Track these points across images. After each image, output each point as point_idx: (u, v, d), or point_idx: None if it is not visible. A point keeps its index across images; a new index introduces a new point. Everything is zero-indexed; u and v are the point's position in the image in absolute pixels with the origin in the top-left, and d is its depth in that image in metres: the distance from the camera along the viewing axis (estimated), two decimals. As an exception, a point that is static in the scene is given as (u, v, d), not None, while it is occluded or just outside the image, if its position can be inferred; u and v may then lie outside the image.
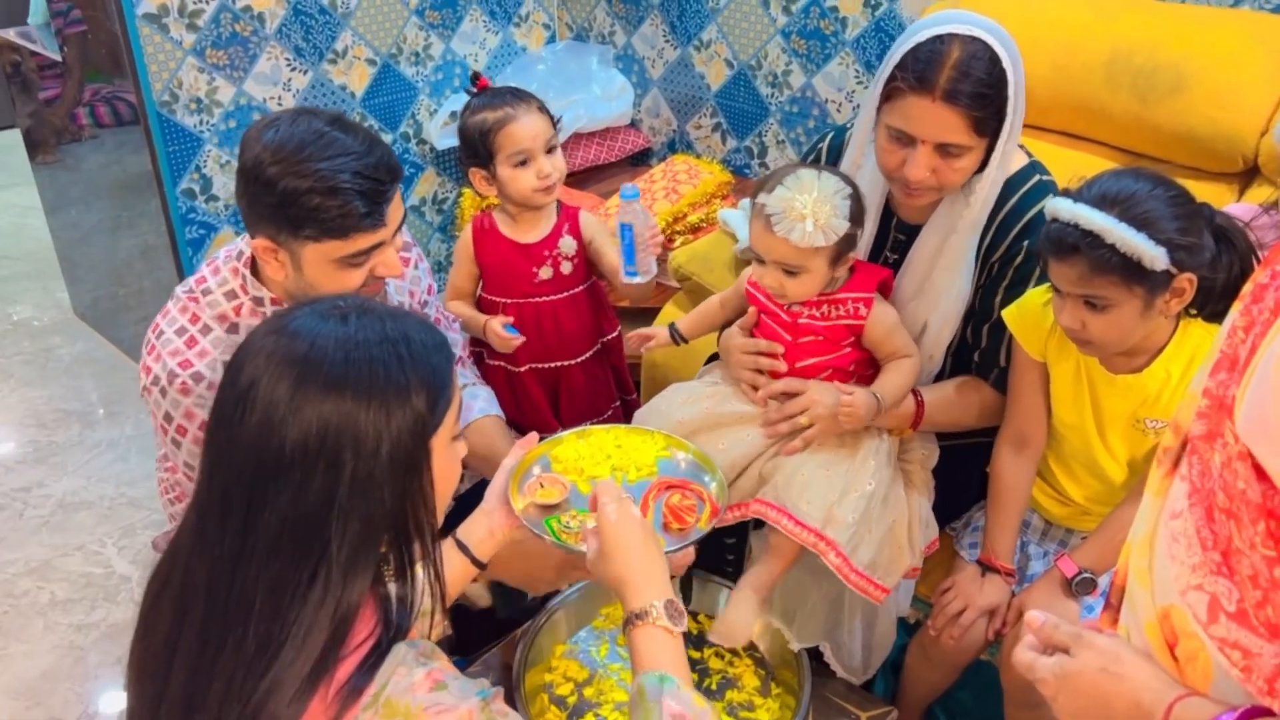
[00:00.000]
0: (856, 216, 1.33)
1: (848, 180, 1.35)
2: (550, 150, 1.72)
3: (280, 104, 2.75)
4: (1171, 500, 0.66)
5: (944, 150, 1.30)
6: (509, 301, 1.80)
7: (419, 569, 0.93)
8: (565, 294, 1.82)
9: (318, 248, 1.26)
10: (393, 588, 0.92)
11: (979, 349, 1.47)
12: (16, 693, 1.90)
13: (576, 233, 1.81)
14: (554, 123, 1.74)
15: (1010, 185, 1.41)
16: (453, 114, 3.02)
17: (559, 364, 1.86)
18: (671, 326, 1.61)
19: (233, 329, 1.38)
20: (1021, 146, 1.48)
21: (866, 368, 1.46)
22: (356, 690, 0.83)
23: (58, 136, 2.93)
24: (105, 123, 2.69)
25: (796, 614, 1.52)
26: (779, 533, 1.36)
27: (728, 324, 1.56)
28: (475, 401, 1.70)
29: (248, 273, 1.38)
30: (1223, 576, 0.59)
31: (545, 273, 1.80)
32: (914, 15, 2.42)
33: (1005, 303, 1.42)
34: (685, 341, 1.61)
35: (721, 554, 1.58)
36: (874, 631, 1.54)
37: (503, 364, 1.86)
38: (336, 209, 1.23)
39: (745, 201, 1.66)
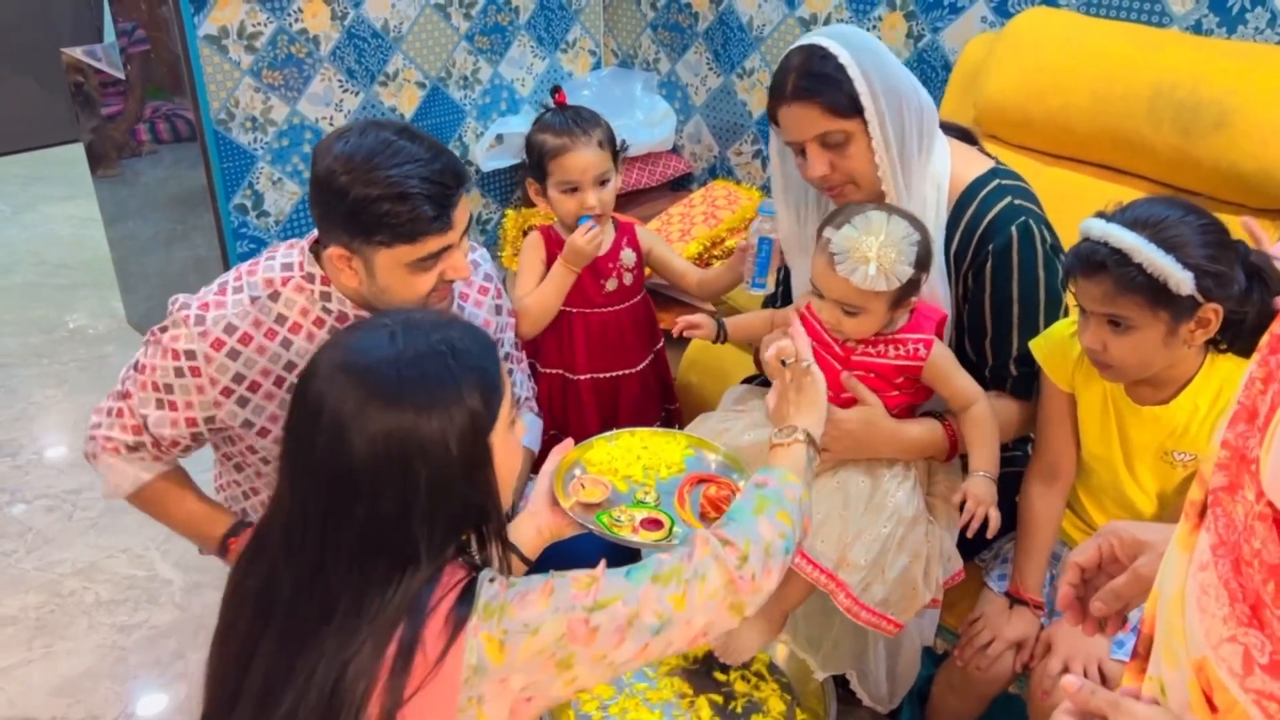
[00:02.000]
0: (922, 261, 1.34)
1: (918, 224, 1.35)
2: (603, 183, 1.76)
3: (332, 124, 2.82)
4: (1199, 553, 0.65)
5: (824, 143, 1.38)
6: (576, 311, 1.85)
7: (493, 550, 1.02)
8: (627, 304, 1.89)
9: (389, 253, 1.30)
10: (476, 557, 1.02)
11: (987, 366, 1.47)
12: (58, 690, 1.95)
13: (635, 245, 1.88)
14: (615, 153, 1.78)
15: (970, 190, 1.44)
16: (499, 137, 3.08)
17: (619, 373, 1.91)
18: (719, 321, 1.61)
19: (273, 296, 1.40)
20: (988, 153, 1.53)
21: (908, 412, 1.46)
22: (462, 619, 0.91)
23: (118, 151, 3.02)
24: (164, 139, 2.77)
25: (822, 641, 1.52)
26: (791, 569, 1.37)
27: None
28: None
29: (308, 252, 1.41)
30: (1254, 629, 0.58)
31: (611, 284, 1.86)
32: (956, 47, 2.42)
33: (997, 312, 1.43)
34: (725, 340, 1.62)
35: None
36: (898, 660, 1.54)
37: (561, 372, 1.90)
38: (406, 214, 1.26)
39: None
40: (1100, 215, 1.23)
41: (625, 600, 0.95)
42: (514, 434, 1.04)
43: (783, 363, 1.29)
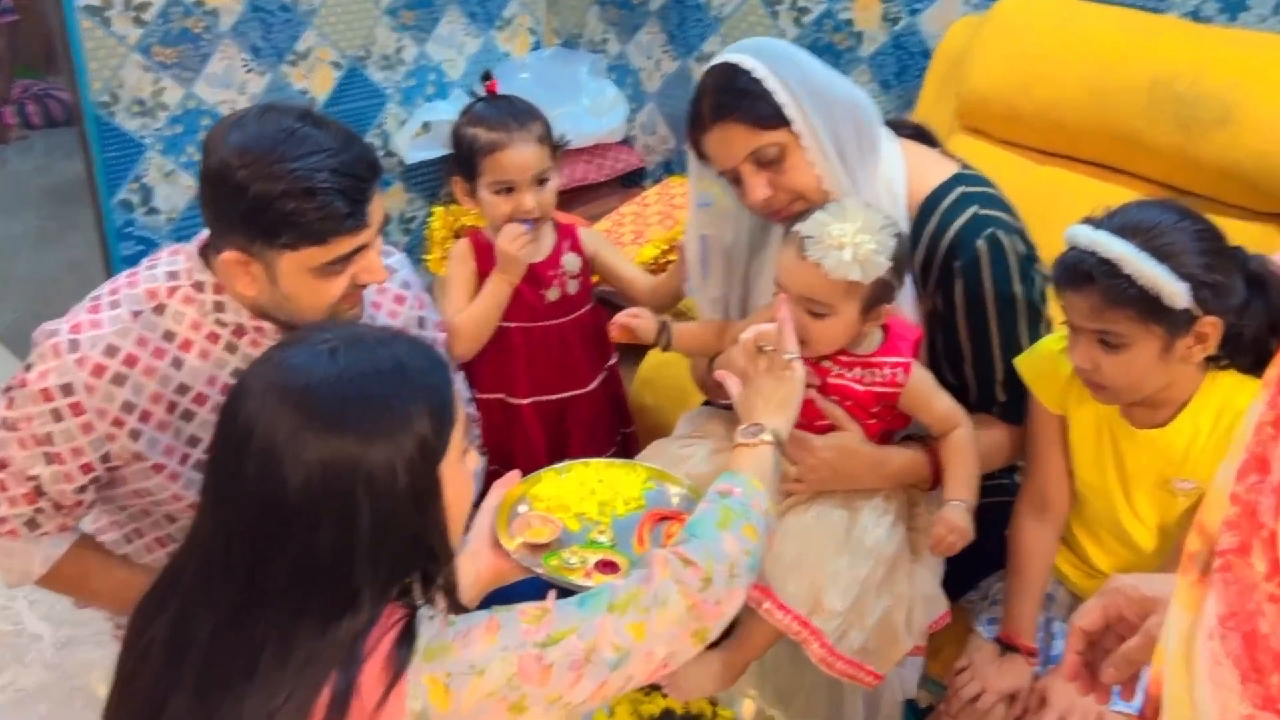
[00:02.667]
0: (899, 262, 1.37)
1: (896, 225, 1.39)
2: (541, 182, 1.77)
3: (234, 109, 2.75)
4: (1207, 617, 0.65)
5: (758, 161, 1.42)
6: (515, 326, 1.85)
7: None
8: (573, 315, 1.90)
9: (295, 256, 1.28)
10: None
11: (971, 393, 1.51)
12: (-92, 764, 1.90)
13: (579, 249, 1.89)
14: (555, 149, 1.80)
15: (931, 201, 1.48)
16: (425, 124, 3.08)
17: (566, 395, 1.92)
18: (664, 324, 1.61)
19: (158, 310, 1.37)
20: (953, 156, 1.56)
21: (886, 439, 1.49)
22: (403, 662, 0.92)
23: (-18, 137, 2.98)
24: (35, 123, 2.75)
25: (793, 696, 1.54)
26: (751, 614, 1.39)
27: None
28: None
29: (198, 258, 1.39)
30: (1270, 712, 0.59)
31: (553, 294, 1.87)
32: (936, 32, 2.49)
33: (974, 334, 1.47)
34: (668, 347, 1.62)
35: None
36: (878, 715, 1.57)
37: (500, 397, 1.90)
38: (314, 212, 1.25)
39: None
40: (1087, 221, 1.27)
41: (580, 633, 0.96)
42: (465, 465, 1.05)
43: (760, 349, 1.31)
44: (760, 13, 2.84)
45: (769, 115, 1.40)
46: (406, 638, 0.94)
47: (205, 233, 1.40)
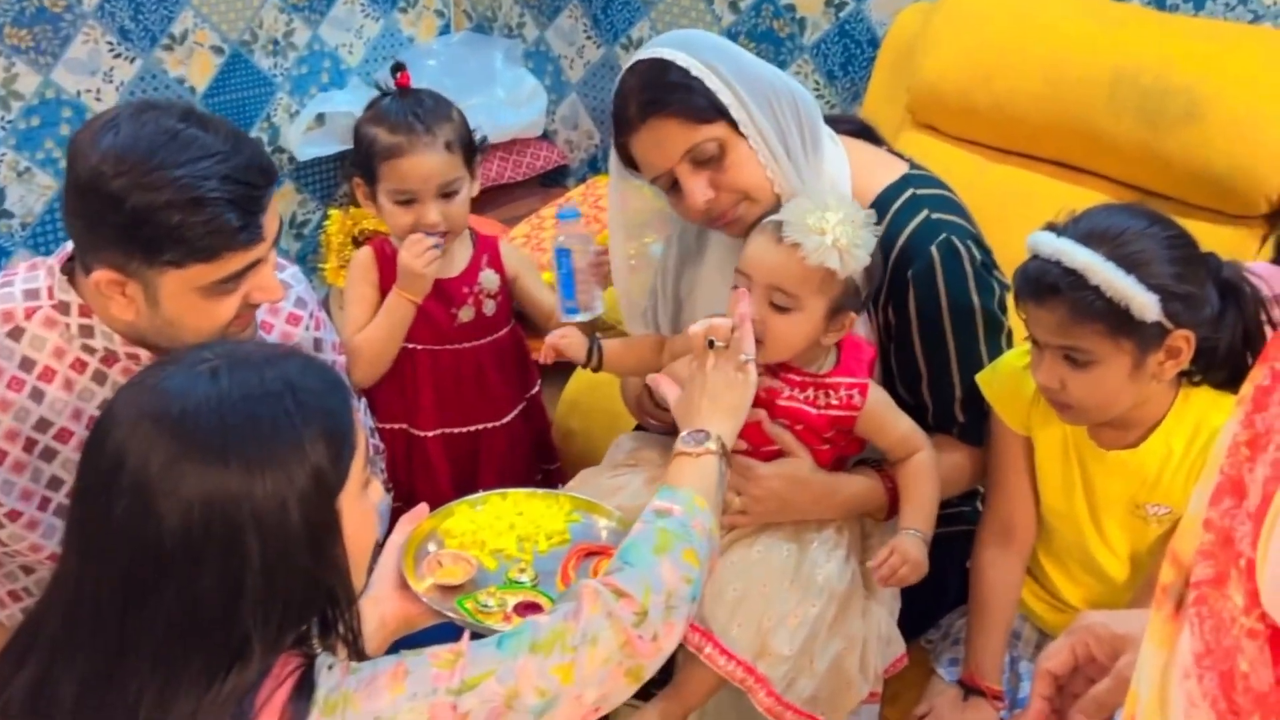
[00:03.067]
0: (871, 267, 1.37)
1: (875, 220, 1.39)
2: (449, 194, 1.74)
3: (99, 98, 2.73)
4: (1181, 655, 0.65)
5: (696, 161, 1.41)
6: (422, 348, 1.82)
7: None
8: (489, 338, 1.87)
9: (180, 275, 1.26)
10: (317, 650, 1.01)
11: (928, 412, 1.52)
12: None
13: (498, 265, 1.87)
14: (471, 154, 1.77)
15: (879, 204, 1.48)
16: (319, 117, 3.05)
17: (479, 427, 1.89)
18: (594, 340, 1.59)
19: (14, 334, 1.34)
20: (902, 155, 1.58)
21: (838, 465, 1.49)
22: (300, 715, 0.91)
23: None
24: None
25: (738, 748, 1.53)
26: (691, 659, 1.38)
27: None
28: None
29: (60, 275, 1.36)
30: None
31: (466, 314, 1.84)
32: (885, 19, 2.52)
33: (930, 350, 1.48)
34: (599, 367, 1.60)
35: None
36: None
37: (404, 428, 1.87)
38: (203, 225, 1.23)
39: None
40: (1050, 228, 1.28)
41: (499, 677, 0.95)
42: (367, 497, 1.04)
43: (711, 344, 1.30)
44: (692, -4, 2.85)
45: (704, 107, 1.39)
46: (303, 689, 0.92)
47: (67, 247, 1.36)
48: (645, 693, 1.47)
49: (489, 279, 1.85)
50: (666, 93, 1.40)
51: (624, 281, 1.68)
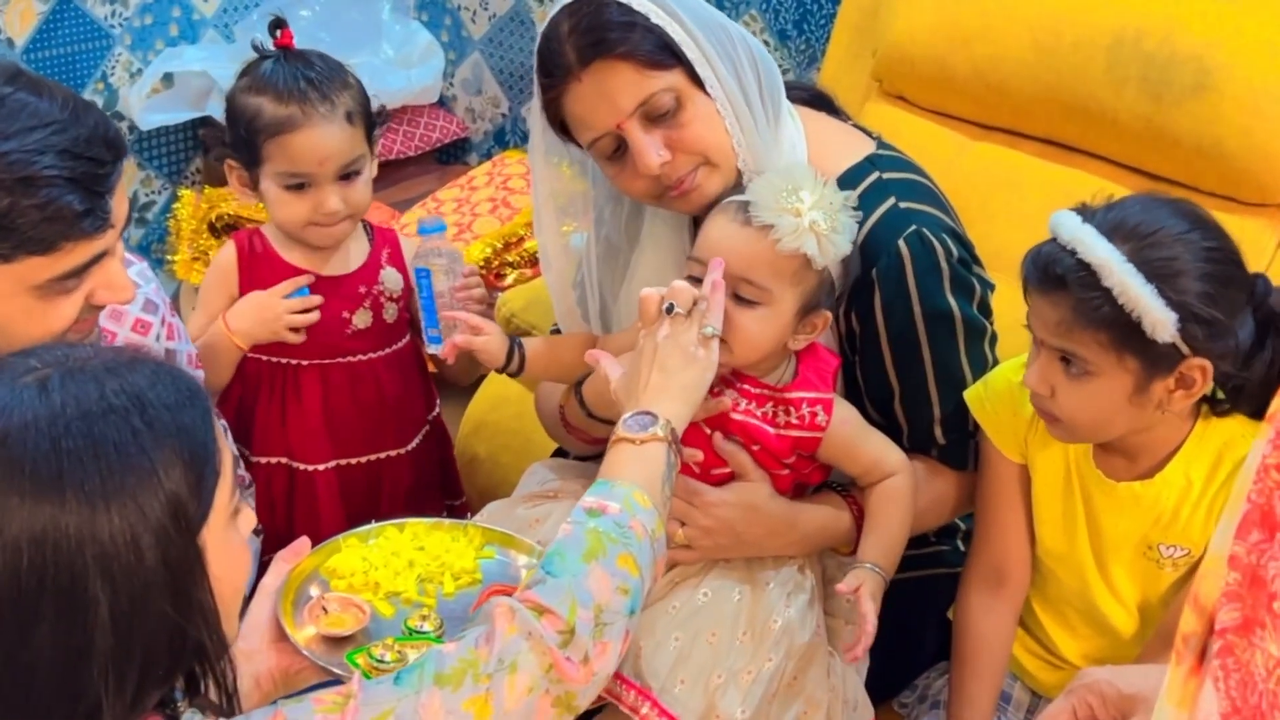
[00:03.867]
0: (852, 258, 1.39)
1: (855, 203, 1.41)
2: (348, 176, 1.72)
3: (-106, 53, 2.66)
4: (1204, 712, 0.66)
5: (651, 115, 1.41)
6: (309, 364, 1.80)
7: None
8: (389, 349, 1.86)
9: (10, 271, 1.26)
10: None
11: (903, 434, 1.54)
12: None
13: (400, 263, 1.85)
14: (370, 127, 1.75)
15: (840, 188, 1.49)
16: (166, 77, 3.03)
17: (380, 456, 1.87)
18: (514, 341, 1.60)
19: None
20: (866, 131, 1.60)
21: (798, 493, 1.50)
22: None
23: None
24: None
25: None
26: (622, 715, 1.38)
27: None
28: None
29: None
30: None
31: (362, 319, 1.82)
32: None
33: (900, 362, 1.50)
34: (520, 371, 1.61)
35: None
36: None
37: (284, 461, 1.85)
38: (37, 210, 1.23)
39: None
40: (1079, 211, 1.30)
41: (399, 717, 0.95)
42: (237, 528, 1.03)
43: (670, 309, 1.30)
44: (619, -62, 2.86)
45: (657, 50, 1.40)
46: None
47: None
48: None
49: (391, 279, 1.83)
50: (611, 32, 1.39)
51: (556, 271, 1.67)
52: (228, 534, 1.01)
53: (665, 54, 1.40)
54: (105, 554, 0.89)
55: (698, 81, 1.42)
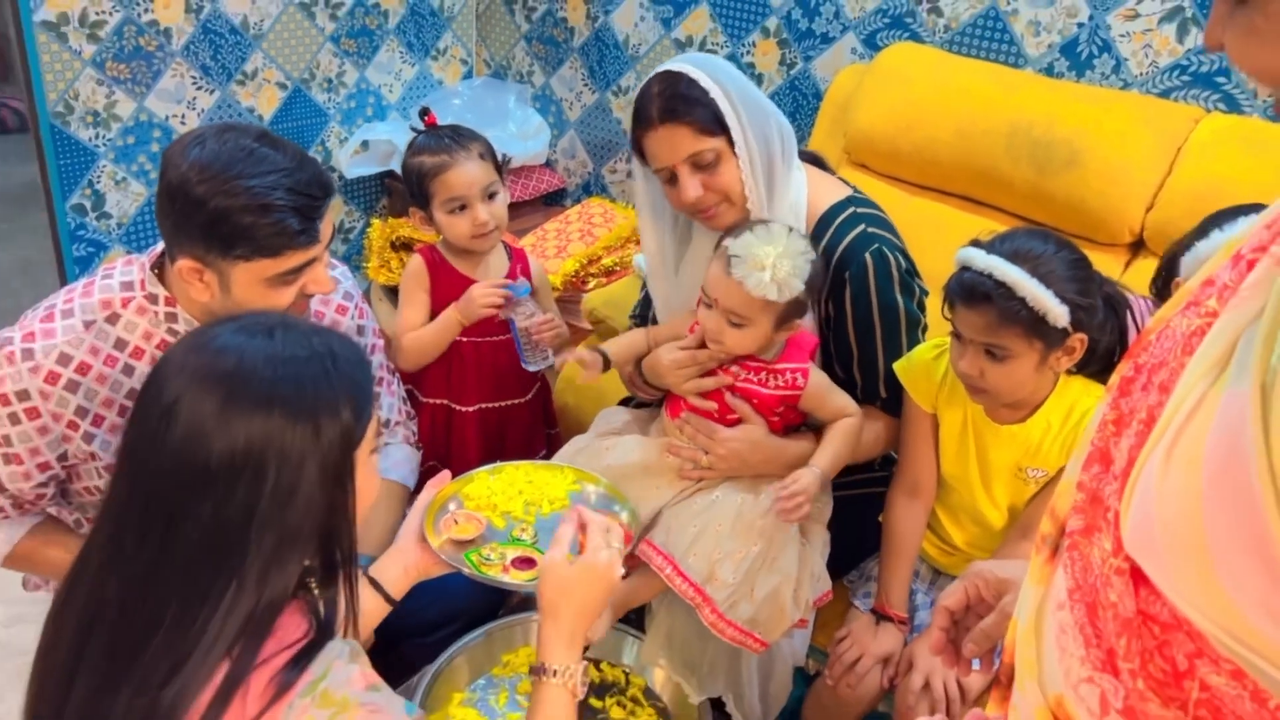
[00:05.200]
0: (813, 283, 1.40)
1: (811, 249, 1.41)
2: (491, 196, 1.73)
3: (184, 123, 2.73)
4: (1055, 590, 0.66)
5: (697, 164, 1.44)
6: (469, 340, 1.81)
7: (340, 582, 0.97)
8: None
9: (249, 267, 1.26)
10: (320, 596, 0.96)
11: (858, 387, 1.55)
12: None
13: (528, 273, 1.86)
14: (499, 165, 1.76)
15: (826, 218, 1.52)
16: (364, 143, 3.04)
17: (507, 403, 1.88)
18: (603, 354, 1.60)
19: (111, 319, 1.34)
20: (846, 182, 1.61)
21: (786, 434, 1.51)
22: (286, 684, 0.86)
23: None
24: (-13, 130, 2.62)
25: (697, 666, 1.55)
26: (650, 571, 1.41)
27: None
28: (384, 460, 1.68)
29: (150, 270, 1.36)
30: (1108, 673, 0.60)
31: (505, 312, 1.82)
32: (827, 77, 2.55)
33: (860, 336, 1.51)
34: (606, 369, 1.61)
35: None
36: (770, 681, 1.59)
37: (446, 403, 1.86)
38: (270, 227, 1.23)
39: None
40: (977, 245, 1.31)
41: None
42: (374, 462, 1.02)
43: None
44: (672, 52, 2.86)
45: (711, 123, 1.41)
46: (301, 660, 0.88)
47: (158, 247, 1.36)
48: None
49: (522, 284, 1.82)
50: (684, 104, 1.41)
51: (656, 272, 1.66)
52: (368, 463, 1.00)
53: (715, 125, 1.41)
54: (285, 451, 0.88)
55: (734, 149, 1.43)
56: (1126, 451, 0.60)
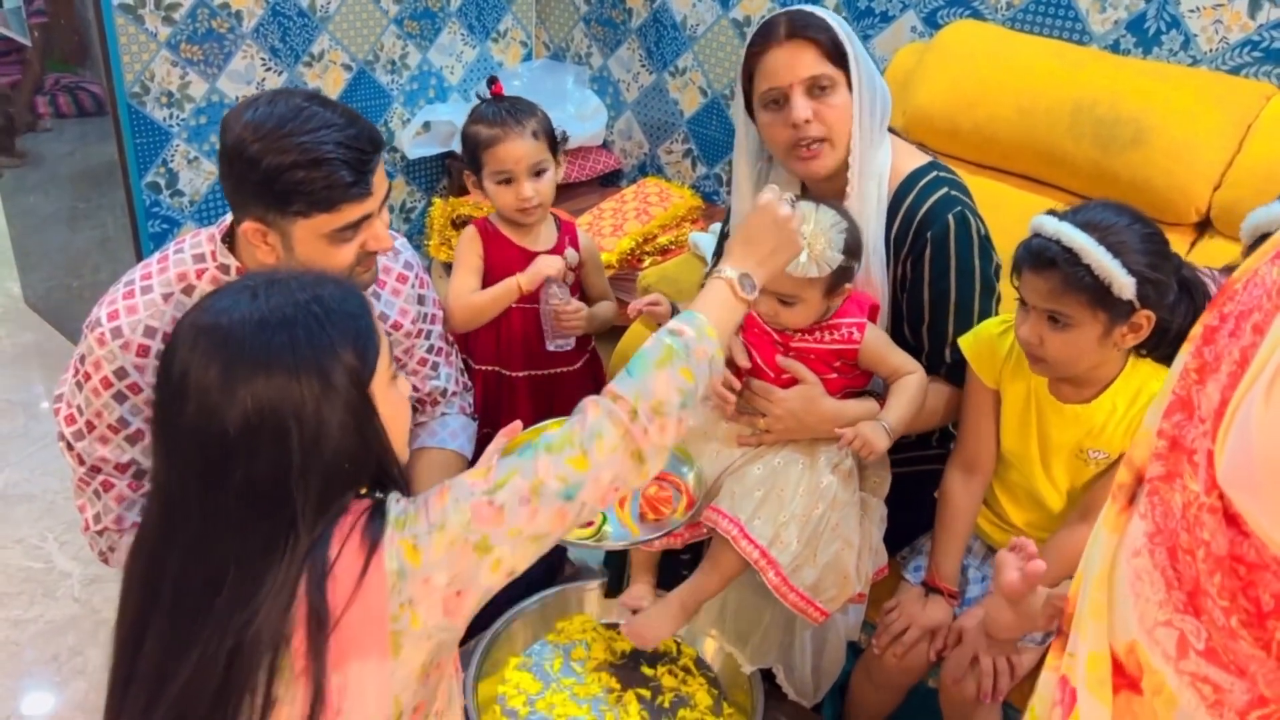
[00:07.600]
0: (852, 249, 1.39)
1: (845, 214, 1.41)
2: (539, 173, 1.74)
3: (252, 103, 2.76)
4: (1131, 538, 0.66)
5: (813, 89, 1.42)
6: (518, 307, 1.83)
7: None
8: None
9: (307, 224, 1.27)
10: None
11: (924, 352, 1.52)
12: (-55, 687, 1.87)
13: (576, 245, 1.88)
14: (554, 144, 1.77)
15: (909, 180, 1.50)
16: (426, 124, 3.07)
17: (557, 370, 1.90)
18: (673, 305, 1.64)
19: (187, 291, 1.36)
20: (922, 147, 1.60)
21: (846, 395, 1.50)
22: (377, 535, 0.93)
23: (14, 124, 2.91)
24: (65, 112, 2.68)
25: (750, 636, 1.55)
26: (722, 544, 1.40)
27: None
28: (443, 430, 1.70)
29: (220, 241, 1.38)
30: (1190, 615, 0.60)
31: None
32: (886, 55, 2.51)
33: (935, 300, 1.49)
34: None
35: (676, 570, 1.62)
36: (824, 654, 1.58)
37: (496, 369, 1.88)
38: (322, 180, 1.24)
39: (715, 226, 1.70)
40: (1052, 214, 1.28)
41: (523, 473, 0.95)
42: (397, 388, 1.04)
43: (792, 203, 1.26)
44: (729, 33, 2.84)
45: (834, 51, 1.42)
46: (376, 519, 0.94)
47: (227, 219, 1.39)
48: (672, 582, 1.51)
49: (571, 255, 1.85)
50: (815, 26, 1.42)
51: (744, 201, 1.64)
52: (390, 390, 1.01)
53: (839, 56, 1.42)
54: (298, 404, 0.90)
55: (849, 86, 1.43)
56: (1218, 393, 0.60)
